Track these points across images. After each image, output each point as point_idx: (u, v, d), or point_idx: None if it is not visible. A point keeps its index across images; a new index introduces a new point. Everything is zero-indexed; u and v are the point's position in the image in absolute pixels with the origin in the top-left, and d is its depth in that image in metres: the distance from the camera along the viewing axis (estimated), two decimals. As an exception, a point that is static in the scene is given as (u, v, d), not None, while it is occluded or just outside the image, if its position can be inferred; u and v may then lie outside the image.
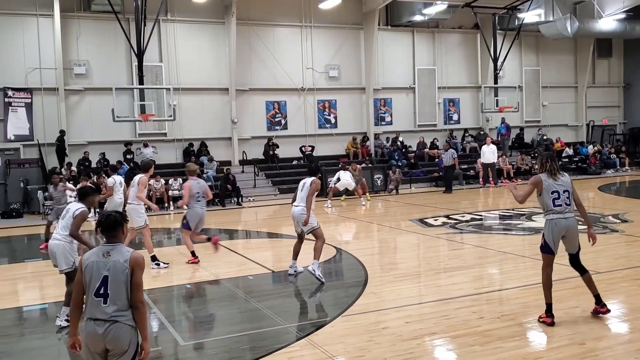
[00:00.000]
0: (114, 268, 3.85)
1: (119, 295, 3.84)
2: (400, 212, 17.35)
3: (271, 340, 6.27)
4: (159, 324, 7.18)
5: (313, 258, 8.77)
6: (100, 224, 4.03)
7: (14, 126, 20.56)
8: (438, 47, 27.26)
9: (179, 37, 22.82)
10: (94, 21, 21.65)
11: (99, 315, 3.82)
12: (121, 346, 3.84)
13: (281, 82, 24.29)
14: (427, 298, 7.96)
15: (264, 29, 24.13)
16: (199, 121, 23.11)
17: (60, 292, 8.87)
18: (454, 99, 27.87)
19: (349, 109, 25.83)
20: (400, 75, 26.67)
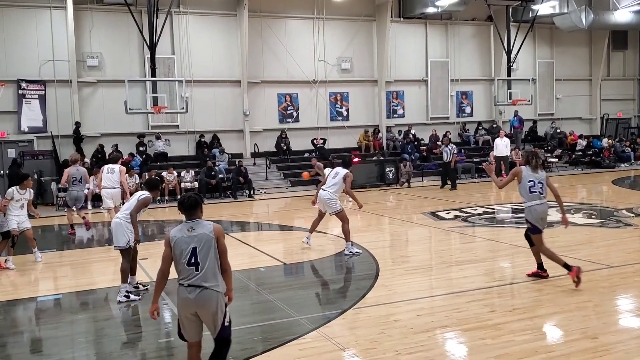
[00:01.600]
0: (201, 240, 4.46)
1: (207, 263, 4.44)
2: (412, 205, 17.31)
3: (283, 332, 6.30)
4: (171, 315, 7.22)
5: (345, 241, 10.15)
6: (182, 203, 4.62)
7: (27, 118, 20.73)
8: (451, 39, 27.08)
9: (191, 29, 22.84)
10: (106, 13, 21.72)
11: (191, 282, 4.42)
12: (209, 310, 4.45)
13: (293, 75, 24.27)
14: (438, 291, 7.95)
15: (276, 20, 24.09)
16: (211, 113, 23.16)
17: (73, 283, 8.97)
18: (466, 92, 27.70)
19: (361, 102, 25.76)
20: (412, 67, 26.54)
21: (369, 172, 22.46)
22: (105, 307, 7.93)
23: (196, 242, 4.46)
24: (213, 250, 4.50)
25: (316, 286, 8.40)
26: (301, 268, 9.74)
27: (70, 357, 6.10)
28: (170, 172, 19.92)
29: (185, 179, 20.12)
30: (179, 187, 19.80)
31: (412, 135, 25.65)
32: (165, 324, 7.06)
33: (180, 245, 4.47)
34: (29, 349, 6.39)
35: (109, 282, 8.85)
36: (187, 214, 4.62)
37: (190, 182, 20.07)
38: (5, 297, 8.30)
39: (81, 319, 7.46)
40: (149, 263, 9.69)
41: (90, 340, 6.66)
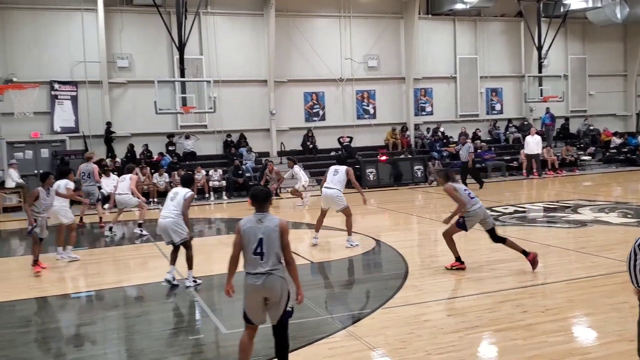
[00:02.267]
0: (268, 231, 4.76)
1: (272, 253, 4.74)
2: (441, 204, 17.10)
3: (311, 331, 6.28)
4: (201, 312, 7.27)
5: (347, 235, 10.69)
6: (255, 196, 4.96)
7: (60, 118, 21.11)
8: (480, 35, 26.73)
9: (218, 30, 22.99)
10: (136, 15, 21.99)
11: (257, 269, 4.74)
12: (276, 294, 4.76)
13: (319, 73, 24.24)
14: (468, 291, 7.85)
15: (303, 19, 24.10)
16: (238, 113, 23.27)
17: (105, 280, 9.09)
18: (496, 89, 27.32)
19: (388, 99, 25.61)
20: (441, 64, 26.29)
21: (397, 171, 22.30)
22: (137, 304, 8.02)
23: (263, 234, 4.77)
24: (277, 243, 4.79)
25: (344, 285, 8.36)
26: (328, 267, 9.72)
27: (102, 352, 6.18)
28: (199, 171, 20.07)
29: (213, 177, 20.26)
30: (207, 186, 19.96)
31: (440, 132, 25.41)
32: (195, 322, 7.11)
33: (249, 234, 4.79)
34: (64, 345, 6.48)
35: (141, 279, 8.95)
36: (258, 206, 4.94)
37: (218, 180, 20.20)
38: (39, 294, 8.45)
39: (113, 316, 7.56)
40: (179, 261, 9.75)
41: (122, 336, 6.74)
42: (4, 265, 11.04)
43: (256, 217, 4.89)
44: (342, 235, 11.23)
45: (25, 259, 11.77)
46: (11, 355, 6.07)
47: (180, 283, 8.44)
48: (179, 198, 8.24)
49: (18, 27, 20.49)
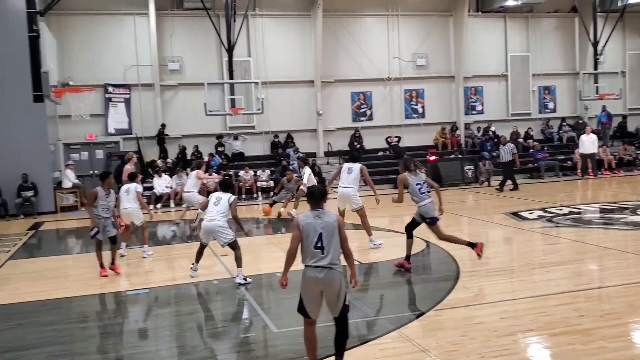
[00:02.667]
0: (327, 226, 4.98)
1: (332, 247, 4.96)
2: (492, 205, 16.79)
3: (362, 332, 6.24)
4: (252, 311, 7.33)
5: (368, 235, 10.64)
6: (313, 194, 5.22)
7: (114, 120, 21.73)
8: (532, 32, 26.09)
9: (266, 32, 23.20)
10: (186, 18, 22.42)
11: (319, 263, 4.94)
12: (335, 288, 4.99)
13: (367, 73, 24.15)
14: (522, 294, 7.66)
15: (350, 19, 24.07)
16: (285, 113, 23.42)
17: (158, 277, 9.29)
18: (549, 87, 26.61)
19: (437, 98, 25.30)
20: (491, 62, 25.80)
21: (446, 171, 21.96)
22: (189, 302, 8.15)
23: (322, 229, 4.98)
24: (336, 237, 5.02)
25: (394, 286, 8.27)
26: (378, 268, 9.65)
27: (155, 349, 6.30)
28: (247, 171, 20.33)
29: (261, 177, 20.45)
30: (255, 186, 20.16)
31: (491, 132, 24.92)
32: (245, 320, 7.17)
33: (309, 230, 4.99)
34: (119, 340, 6.65)
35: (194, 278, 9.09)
36: (315, 204, 5.17)
37: (265, 181, 20.38)
38: (95, 291, 8.69)
39: (166, 313, 7.71)
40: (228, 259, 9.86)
41: (175, 333, 6.86)
42: (62, 263, 11.43)
43: (314, 213, 5.10)
44: (390, 237, 11.14)
45: (82, 257, 12.18)
46: (71, 350, 6.27)
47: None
48: (224, 202, 8.63)
49: (74, 32, 21.21)
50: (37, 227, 16.11)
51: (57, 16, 20.50)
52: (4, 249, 12.76)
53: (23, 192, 17.94)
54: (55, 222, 17.27)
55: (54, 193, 18.87)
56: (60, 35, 19.96)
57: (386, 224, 14.18)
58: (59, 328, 6.99)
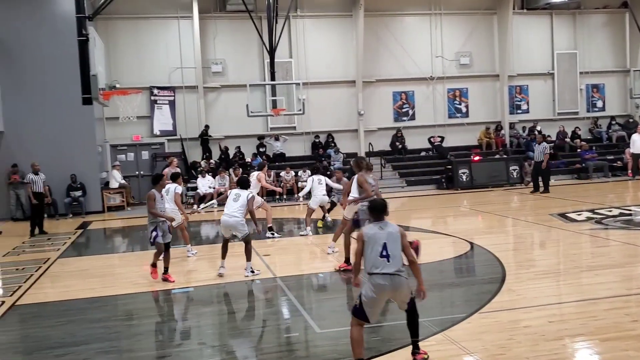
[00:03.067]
0: (391, 236, 5.24)
1: (396, 255, 5.22)
2: (538, 206, 16.41)
3: (406, 334, 6.13)
4: (295, 311, 7.35)
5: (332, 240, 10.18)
6: (375, 208, 5.42)
7: (159, 122, 22.17)
8: (580, 29, 25.40)
9: (307, 33, 23.27)
10: (229, 21, 22.69)
11: (385, 270, 5.15)
12: (403, 293, 5.28)
13: (409, 72, 23.96)
14: (570, 297, 7.47)
15: (392, 19, 23.92)
16: (326, 114, 23.43)
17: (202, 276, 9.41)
18: (597, 85, 25.86)
19: (481, 97, 24.89)
20: (537, 60, 25.23)
21: (491, 171, 21.59)
22: (232, 301, 8.23)
23: (386, 238, 5.24)
24: (399, 245, 5.27)
25: (438, 289, 8.16)
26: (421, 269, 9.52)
27: (198, 348, 6.37)
28: (288, 172, 20.43)
29: (302, 178, 20.49)
30: (296, 187, 20.22)
31: (537, 131, 24.35)
32: (288, 320, 7.19)
33: (374, 240, 5.25)
34: (164, 338, 6.76)
35: (235, 276, 9.17)
36: (377, 216, 5.41)
37: (306, 181, 20.38)
38: (141, 289, 8.86)
39: (209, 312, 7.80)
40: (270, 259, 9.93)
41: (218, 332, 6.94)
42: (109, 261, 11.70)
43: (377, 225, 5.37)
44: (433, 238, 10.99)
45: (128, 256, 12.46)
46: (118, 347, 6.41)
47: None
48: (242, 199, 9.04)
49: (121, 36, 21.73)
50: (85, 226, 16.55)
51: (105, 20, 21.04)
52: (54, 247, 13.17)
53: (72, 192, 18.47)
54: (103, 221, 17.72)
55: (101, 193, 19.37)
56: (107, 39, 20.47)
57: (429, 225, 14.03)
58: (107, 325, 7.16)
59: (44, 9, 18.40)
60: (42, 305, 8.35)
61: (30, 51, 18.10)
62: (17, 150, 18.02)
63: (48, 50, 18.09)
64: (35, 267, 10.82)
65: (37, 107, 18.14)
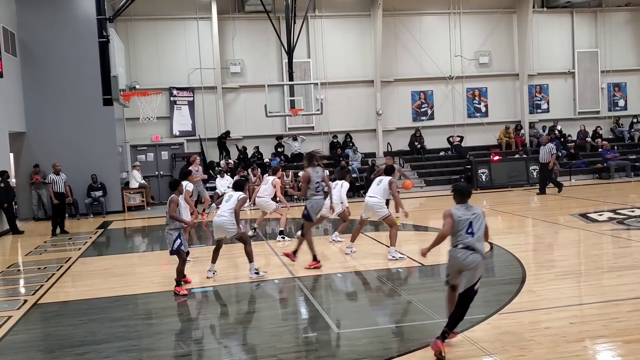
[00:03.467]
0: (475, 215, 5.87)
1: (479, 232, 5.80)
2: (559, 206, 16.24)
3: (425, 334, 6.14)
4: (314, 311, 7.35)
5: (390, 246, 9.98)
6: (460, 190, 6.05)
7: (178, 123, 22.33)
8: (601, 27, 25.08)
9: (326, 33, 23.28)
10: (247, 21, 22.79)
11: (467, 244, 5.73)
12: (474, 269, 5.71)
13: (428, 72, 23.86)
14: (592, 298, 7.37)
15: (411, 18, 23.83)
16: (344, 114, 23.44)
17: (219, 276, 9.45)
18: (619, 84, 25.51)
19: (501, 97, 24.71)
20: (557, 59, 24.97)
21: (511, 171, 21.43)
22: (251, 301, 8.27)
23: (472, 217, 5.84)
24: (483, 224, 5.87)
25: (457, 289, 8.11)
26: (440, 270, 9.47)
27: (216, 347, 6.41)
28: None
29: (322, 178, 20.50)
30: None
31: (557, 131, 24.12)
32: (302, 320, 7.19)
33: (460, 218, 5.83)
34: (184, 337, 6.80)
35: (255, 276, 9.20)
36: (462, 199, 6.00)
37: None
38: (161, 289, 8.93)
39: (228, 312, 7.84)
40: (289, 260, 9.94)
41: (237, 331, 6.97)
42: (129, 261, 11.82)
43: (463, 206, 5.97)
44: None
45: (148, 255, 12.57)
46: (139, 346, 6.47)
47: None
48: (234, 200, 9.00)
49: (140, 37, 21.94)
50: (105, 226, 16.73)
51: (125, 22, 21.28)
52: (75, 246, 13.33)
53: (92, 192, 18.68)
54: (123, 221, 17.89)
55: (121, 193, 19.57)
56: (127, 41, 20.69)
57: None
58: (128, 324, 7.23)
59: (66, 12, 18.66)
60: (64, 304, 8.47)
61: (52, 53, 18.37)
62: (39, 151, 18.30)
63: (69, 52, 18.35)
64: (56, 266, 10.97)
65: (58, 108, 18.42)
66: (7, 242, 14.99)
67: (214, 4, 21.77)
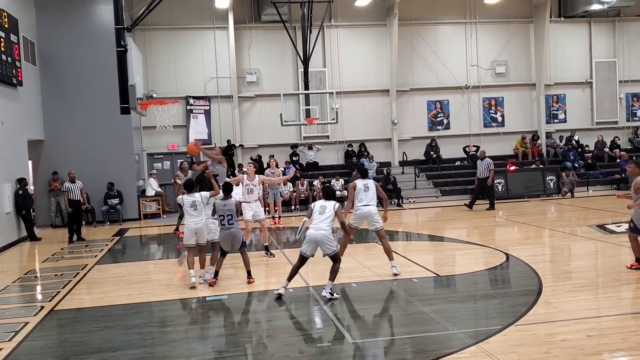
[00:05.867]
0: None
1: None
2: (576, 217, 16.08)
3: (440, 345, 6.10)
4: (328, 320, 7.33)
5: (390, 260, 9.57)
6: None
7: (194, 131, 22.47)
8: (619, 37, 24.88)
9: (342, 42, 23.35)
10: (263, 31, 22.93)
11: None
12: None
13: (444, 81, 23.81)
14: (610, 311, 7.28)
15: (426, 27, 23.83)
16: (359, 123, 23.45)
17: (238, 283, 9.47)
18: (638, 94, 25.25)
19: (517, 107, 24.57)
20: (574, 69, 24.80)
21: (527, 181, 21.28)
22: (266, 310, 8.26)
23: None
24: None
25: (473, 300, 8.05)
26: (455, 280, 9.42)
27: (230, 356, 6.41)
28: (320, 181, 20.45)
29: (335, 187, 20.50)
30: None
31: (575, 141, 23.92)
32: (317, 329, 7.17)
33: None
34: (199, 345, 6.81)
35: (269, 285, 9.21)
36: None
37: (339, 190, 20.41)
38: (177, 296, 8.96)
39: (243, 320, 7.84)
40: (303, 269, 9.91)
41: (252, 340, 6.97)
42: (145, 268, 11.89)
43: None
44: (468, 249, 10.85)
45: (164, 262, 12.62)
46: (153, 353, 6.49)
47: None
48: (329, 212, 8.30)
49: (157, 46, 22.16)
50: (122, 233, 16.85)
51: (143, 31, 21.51)
52: (92, 254, 13.44)
53: (109, 200, 18.84)
54: (139, 228, 18.01)
55: (138, 201, 19.71)
56: (145, 50, 20.91)
57: (463, 236, 13.86)
58: (143, 331, 7.26)
59: (84, 21, 18.91)
60: (80, 310, 8.53)
61: (71, 62, 18.62)
62: (57, 159, 18.52)
63: (88, 61, 18.59)
64: (73, 273, 11.07)
65: (76, 117, 18.65)
66: (25, 248, 15.16)
67: (230, 14, 21.95)
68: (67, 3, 18.71)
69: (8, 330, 7.48)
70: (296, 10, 21.37)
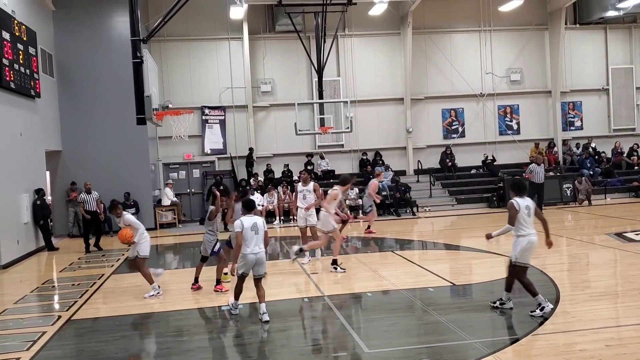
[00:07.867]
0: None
1: None
2: (593, 225, 15.90)
3: (455, 355, 6.05)
4: (344, 330, 7.31)
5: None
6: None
7: (210, 141, 22.62)
8: (636, 43, 24.65)
9: (355, 51, 23.41)
10: (278, 41, 23.06)
11: None
12: None
13: (458, 89, 23.74)
14: (629, 320, 7.18)
15: (441, 36, 23.81)
16: (373, 131, 23.45)
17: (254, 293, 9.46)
18: (655, 100, 24.99)
19: (533, 114, 24.42)
20: (590, 76, 24.60)
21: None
22: (281, 319, 8.25)
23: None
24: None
25: (489, 309, 7.98)
26: (471, 290, 9.36)
27: (249, 365, 6.41)
28: (334, 189, 20.37)
29: (350, 196, 20.46)
30: (344, 204, 20.16)
31: (591, 148, 23.69)
32: (334, 339, 7.15)
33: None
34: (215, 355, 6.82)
35: (286, 294, 9.20)
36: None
37: (354, 198, 20.39)
38: (192, 306, 8.99)
39: (259, 329, 7.83)
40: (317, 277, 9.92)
41: (267, 350, 6.97)
42: (161, 278, 11.90)
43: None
44: (485, 257, 10.76)
45: (180, 272, 12.68)
46: (168, 362, 6.51)
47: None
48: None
49: (173, 57, 22.36)
50: (138, 242, 16.89)
51: (158, 43, 21.73)
52: (108, 263, 13.54)
53: (125, 209, 18.90)
54: (155, 238, 18.05)
55: (153, 210, 19.84)
56: (161, 61, 21.12)
57: (480, 245, 13.74)
58: (159, 340, 7.29)
59: (101, 33, 19.15)
60: (96, 320, 8.59)
61: (88, 73, 18.85)
62: (75, 169, 18.71)
63: (104, 73, 18.81)
64: (90, 283, 11.16)
65: (93, 127, 18.85)
66: (43, 258, 15.31)
67: (245, 25, 22.11)
68: (84, 15, 18.98)
69: (26, 339, 7.54)
70: (310, 20, 21.48)
